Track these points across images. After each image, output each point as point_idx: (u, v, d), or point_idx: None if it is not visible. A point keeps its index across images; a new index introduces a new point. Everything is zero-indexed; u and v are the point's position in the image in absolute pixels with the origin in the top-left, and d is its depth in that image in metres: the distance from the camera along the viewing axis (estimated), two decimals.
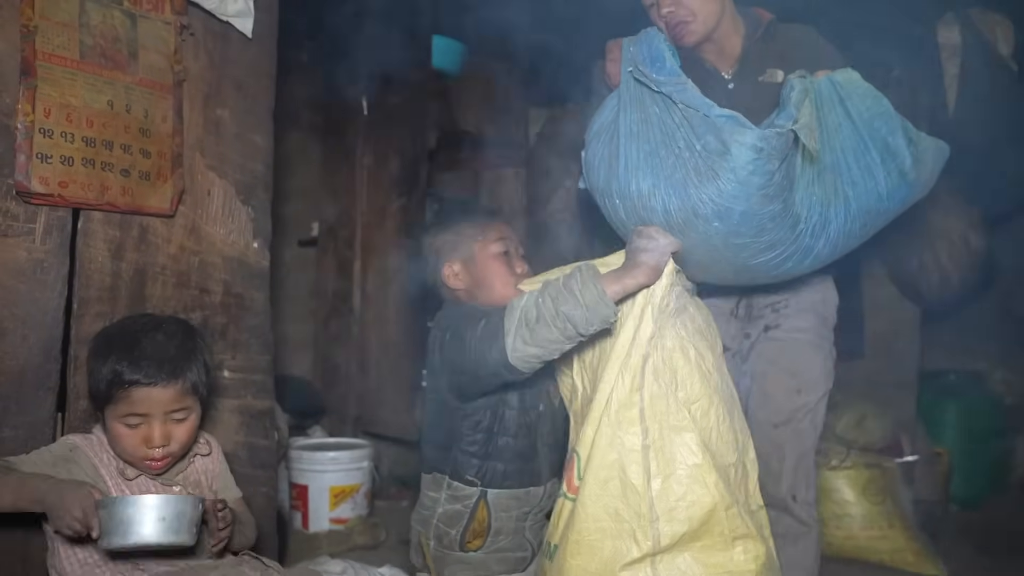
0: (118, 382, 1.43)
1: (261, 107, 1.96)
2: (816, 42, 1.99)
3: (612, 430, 1.50)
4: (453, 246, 1.77)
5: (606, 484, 1.49)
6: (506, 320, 1.49)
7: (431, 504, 1.74)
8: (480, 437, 1.70)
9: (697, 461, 1.46)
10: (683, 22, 1.90)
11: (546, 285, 1.50)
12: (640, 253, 1.46)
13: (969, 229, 3.03)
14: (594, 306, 1.42)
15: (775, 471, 1.99)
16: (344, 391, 3.36)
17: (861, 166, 1.65)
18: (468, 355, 1.56)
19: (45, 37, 1.58)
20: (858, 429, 2.80)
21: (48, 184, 1.57)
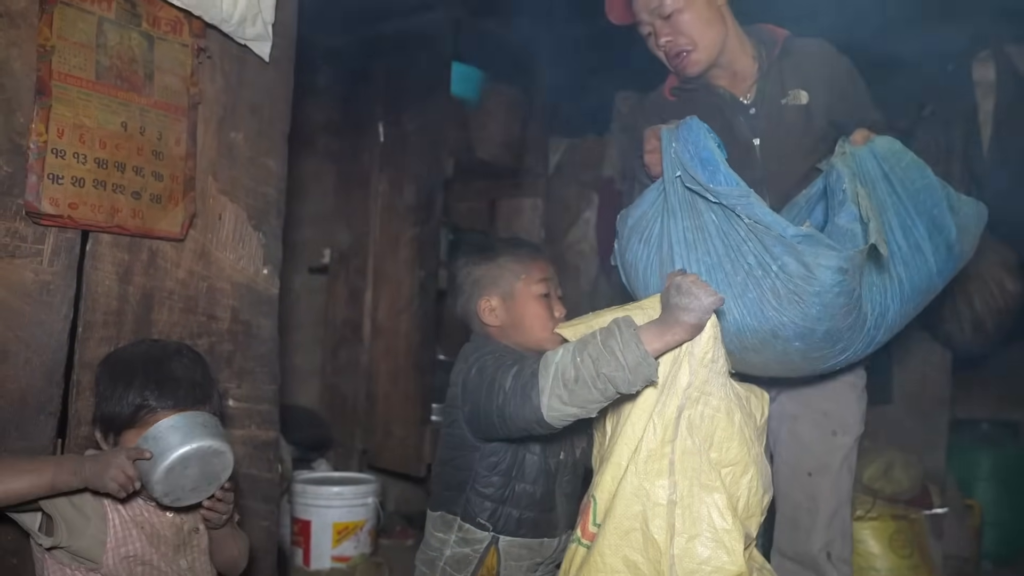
0: (146, 406, 1.42)
1: (276, 131, 1.94)
2: (832, 58, 1.93)
3: (639, 480, 1.42)
4: (493, 280, 1.69)
5: (627, 535, 1.42)
6: (540, 377, 1.42)
7: (438, 545, 1.66)
8: (497, 480, 1.63)
9: (726, 526, 1.38)
10: (683, 52, 1.84)
11: (583, 342, 1.42)
12: (681, 312, 1.35)
13: (1004, 273, 2.95)
14: (636, 367, 1.35)
15: (805, 525, 1.87)
16: (351, 424, 3.29)
17: (911, 244, 1.59)
18: (496, 402, 1.50)
19: (62, 57, 1.58)
20: (885, 478, 2.71)
21: (58, 205, 1.56)
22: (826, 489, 1.86)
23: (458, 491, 1.65)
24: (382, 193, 3.28)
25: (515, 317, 1.68)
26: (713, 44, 1.85)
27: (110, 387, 1.46)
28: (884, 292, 1.56)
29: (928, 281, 1.63)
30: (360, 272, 3.31)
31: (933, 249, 1.61)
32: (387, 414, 3.17)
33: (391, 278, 3.20)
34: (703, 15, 1.83)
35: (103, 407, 1.46)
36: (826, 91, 1.90)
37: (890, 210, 1.57)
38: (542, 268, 1.71)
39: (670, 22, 1.82)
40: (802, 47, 1.92)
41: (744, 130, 1.89)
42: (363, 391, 3.26)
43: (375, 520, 2.84)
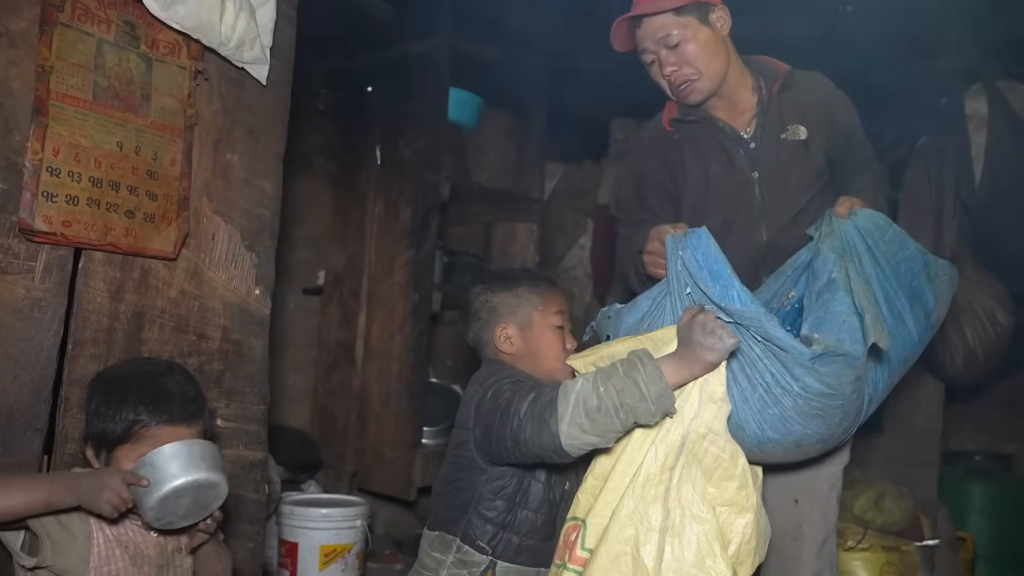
0: (140, 421, 1.42)
1: (271, 154, 1.95)
2: (832, 93, 1.96)
3: (635, 503, 1.42)
4: (511, 309, 1.71)
5: (617, 559, 1.40)
6: (560, 405, 1.43)
7: (434, 565, 1.65)
8: (500, 504, 1.63)
9: (713, 562, 1.37)
10: (688, 81, 1.86)
11: (606, 373, 1.43)
12: (704, 351, 1.38)
13: (996, 305, 2.96)
14: (659, 399, 1.38)
15: (791, 553, 1.84)
16: (341, 446, 3.28)
17: (895, 316, 1.61)
18: (511, 427, 1.50)
19: (60, 77, 1.59)
20: (876, 509, 2.69)
21: (51, 223, 1.57)
22: (813, 517, 1.84)
23: (460, 512, 1.64)
24: (378, 216, 3.29)
25: (531, 346, 1.70)
26: (717, 74, 1.87)
27: (103, 404, 1.45)
28: (875, 368, 1.59)
29: (912, 351, 1.67)
30: (354, 294, 3.32)
31: (915, 319, 1.64)
32: (378, 437, 3.15)
33: (385, 300, 3.20)
34: (708, 45, 1.85)
35: (96, 424, 1.45)
36: (825, 127, 1.92)
37: (875, 282, 1.59)
38: (559, 301, 1.74)
39: (676, 51, 1.84)
40: (802, 82, 1.94)
41: (743, 163, 1.91)
42: (355, 413, 3.25)
43: (363, 543, 2.81)
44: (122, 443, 1.42)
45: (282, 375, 3.35)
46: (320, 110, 3.56)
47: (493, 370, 1.68)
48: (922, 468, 3.13)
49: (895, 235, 1.64)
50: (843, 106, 1.95)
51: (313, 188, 3.54)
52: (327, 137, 3.59)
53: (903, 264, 1.63)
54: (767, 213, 1.89)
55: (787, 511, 1.85)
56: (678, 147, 1.99)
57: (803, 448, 1.54)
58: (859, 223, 1.63)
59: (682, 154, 1.98)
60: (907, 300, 1.63)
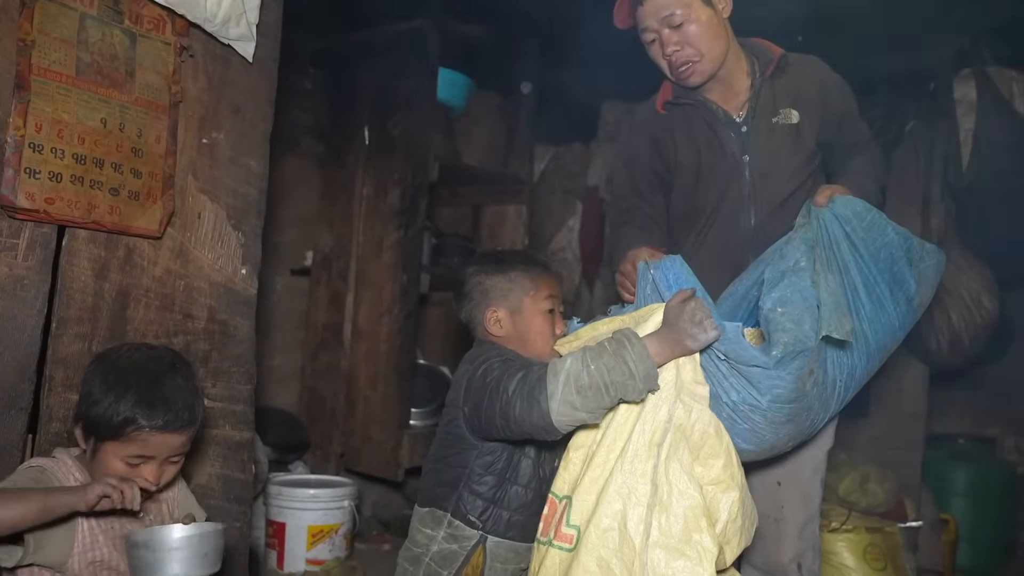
0: (135, 423, 1.40)
1: (258, 132, 1.93)
2: (826, 76, 1.95)
3: (623, 478, 1.43)
4: (503, 293, 1.71)
5: (605, 534, 1.42)
6: (549, 383, 1.45)
7: (425, 542, 1.66)
8: (491, 480, 1.64)
9: (699, 537, 1.39)
10: (689, 62, 1.85)
11: (595, 352, 1.46)
12: (688, 338, 1.45)
13: (982, 290, 2.98)
14: (645, 378, 1.43)
15: (772, 534, 1.86)
16: (329, 427, 3.28)
17: (873, 301, 1.63)
18: (499, 405, 1.52)
19: (42, 52, 1.57)
20: (860, 491, 2.72)
21: (34, 200, 1.55)
22: (795, 499, 1.85)
23: (451, 488, 1.65)
24: (366, 197, 3.27)
25: (520, 330, 1.71)
26: (718, 56, 1.87)
27: (100, 392, 1.42)
28: (851, 354, 1.61)
29: (892, 336, 1.69)
30: (342, 275, 3.30)
31: (895, 305, 1.66)
32: (366, 418, 3.15)
33: (373, 282, 3.19)
34: (711, 27, 1.84)
35: (91, 409, 1.42)
36: (818, 110, 1.91)
37: (853, 270, 1.62)
38: (550, 285, 1.74)
39: (679, 31, 1.83)
40: (796, 65, 1.93)
41: (734, 146, 1.91)
42: (342, 394, 3.25)
43: (351, 524, 2.82)
44: (112, 439, 1.40)
45: (270, 356, 3.34)
46: (308, 89, 3.53)
47: (484, 349, 1.69)
48: (906, 451, 3.16)
49: (874, 221, 1.65)
50: (837, 89, 1.95)
51: (301, 168, 3.51)
52: (315, 117, 3.56)
53: (883, 250, 1.65)
54: (757, 196, 1.89)
55: (770, 493, 1.87)
56: (670, 130, 1.99)
57: (777, 449, 1.60)
58: (837, 210, 1.65)
59: (674, 137, 1.97)
60: (887, 286, 1.64)
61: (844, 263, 1.61)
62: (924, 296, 1.74)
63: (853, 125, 1.97)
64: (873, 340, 1.63)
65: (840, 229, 1.63)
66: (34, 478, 1.41)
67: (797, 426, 1.56)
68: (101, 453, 1.41)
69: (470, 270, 1.76)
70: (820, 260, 1.59)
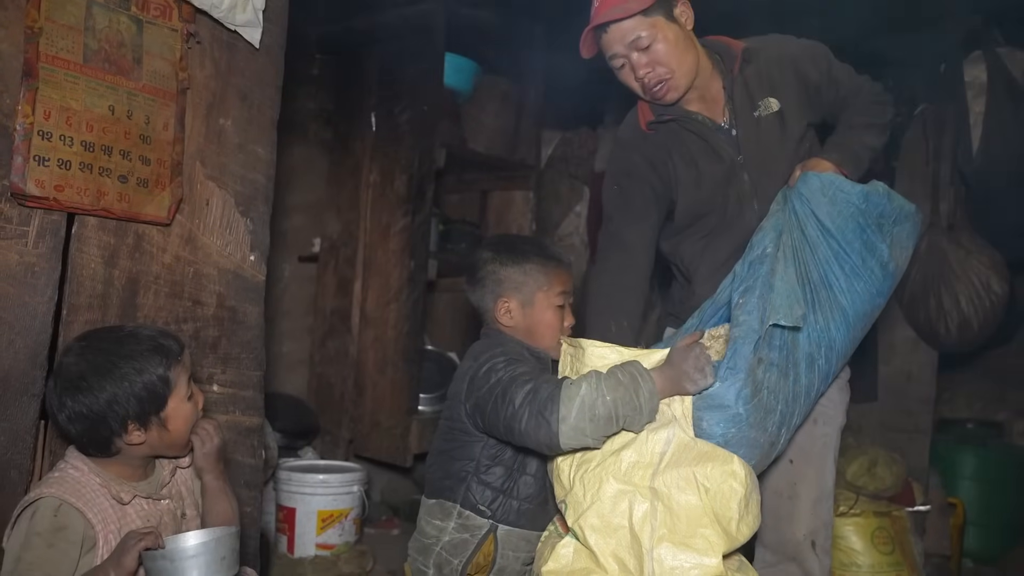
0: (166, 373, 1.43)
1: (265, 118, 1.93)
2: (794, 50, 1.90)
3: (620, 485, 1.46)
4: (516, 285, 1.71)
5: (615, 532, 1.45)
6: (562, 406, 1.47)
7: (435, 533, 1.66)
8: (499, 470, 1.66)
9: (704, 529, 1.40)
10: (662, 81, 1.83)
11: (609, 384, 1.48)
12: (687, 382, 1.52)
13: (991, 273, 2.96)
14: (650, 414, 1.50)
15: (786, 512, 1.86)
16: (338, 413, 3.29)
17: (847, 272, 1.66)
18: (504, 415, 1.53)
19: (49, 39, 1.57)
20: (868, 475, 2.71)
21: (44, 187, 1.55)
22: (808, 476, 1.86)
23: (458, 480, 1.66)
24: (373, 183, 3.27)
25: (529, 323, 1.72)
26: (690, 70, 1.85)
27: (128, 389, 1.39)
28: (827, 327, 1.63)
29: (870, 303, 1.70)
30: (350, 262, 3.31)
31: (869, 272, 1.68)
32: (374, 404, 3.17)
33: (381, 268, 3.19)
34: (679, 42, 1.82)
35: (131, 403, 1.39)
36: (796, 88, 1.88)
37: (823, 245, 1.65)
38: (564, 281, 1.74)
39: (647, 53, 1.80)
40: (761, 52, 1.90)
41: (728, 150, 1.90)
42: (351, 380, 3.26)
43: (360, 509, 2.84)
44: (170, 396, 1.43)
45: (278, 343, 3.35)
46: (314, 75, 3.52)
47: (488, 344, 1.69)
48: (914, 435, 3.16)
49: (836, 194, 1.66)
50: (806, 56, 1.89)
51: (308, 155, 3.51)
52: (322, 103, 3.56)
53: (849, 221, 1.66)
54: (758, 193, 1.88)
55: (783, 471, 1.88)
56: (663, 147, 1.96)
57: (777, 446, 1.63)
58: (801, 189, 1.67)
59: (671, 156, 1.95)
60: (859, 256, 1.66)
61: (813, 241, 1.65)
62: (900, 259, 1.75)
63: (833, 82, 1.89)
64: (851, 311, 1.66)
65: (805, 207, 1.66)
66: (53, 529, 1.34)
67: (780, 414, 1.57)
68: (171, 413, 1.43)
69: (485, 256, 1.75)
70: (785, 244, 1.62)
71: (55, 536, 1.34)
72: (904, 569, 2.60)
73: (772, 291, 1.57)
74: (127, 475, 1.46)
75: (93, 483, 1.41)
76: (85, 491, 1.39)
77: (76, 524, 1.36)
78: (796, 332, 1.60)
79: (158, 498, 1.48)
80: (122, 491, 1.42)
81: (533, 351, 1.71)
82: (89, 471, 1.42)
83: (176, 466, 1.56)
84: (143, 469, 1.49)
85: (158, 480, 1.51)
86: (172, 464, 1.55)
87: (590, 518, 1.45)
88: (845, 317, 1.65)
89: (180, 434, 1.47)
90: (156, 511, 1.48)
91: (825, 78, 1.88)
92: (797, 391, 1.59)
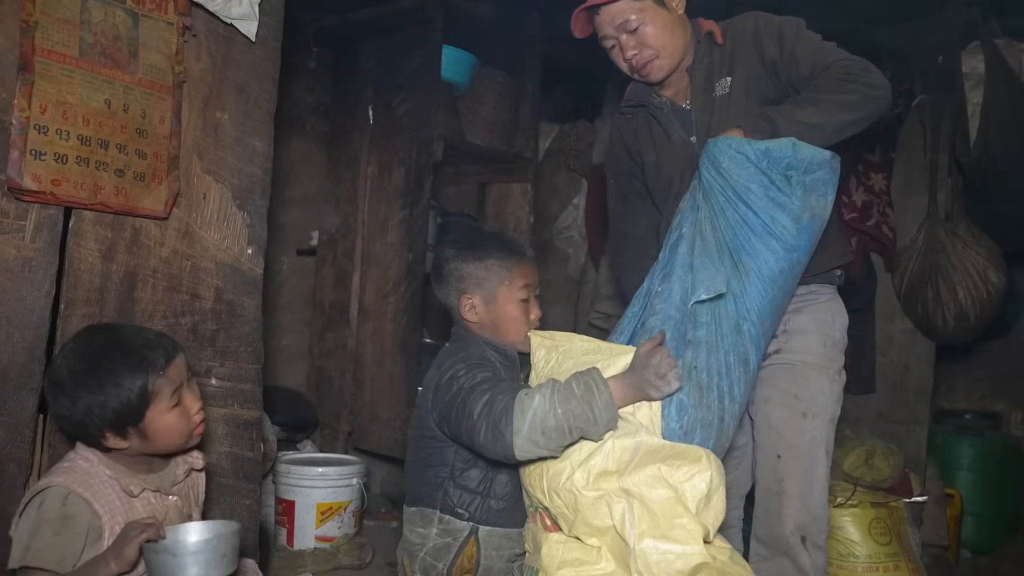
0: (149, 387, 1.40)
1: (262, 111, 1.93)
2: (754, 25, 1.88)
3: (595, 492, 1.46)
4: (478, 281, 1.72)
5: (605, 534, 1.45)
6: (516, 419, 1.47)
7: (420, 541, 1.68)
8: (475, 473, 1.67)
9: (682, 522, 1.41)
10: (648, 61, 1.88)
11: (561, 395, 1.48)
12: (650, 388, 1.50)
13: (989, 264, 2.96)
14: (607, 423, 1.48)
15: (775, 507, 1.86)
16: (337, 405, 3.29)
17: (757, 232, 1.63)
18: (464, 426, 1.55)
19: (45, 33, 1.57)
20: (866, 466, 2.72)
21: (40, 181, 1.55)
22: (795, 472, 1.84)
23: (435, 486, 1.68)
24: (371, 176, 3.27)
25: (494, 318, 1.72)
26: (677, 51, 1.89)
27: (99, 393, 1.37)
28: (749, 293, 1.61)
29: (786, 260, 1.65)
30: (348, 255, 3.31)
31: (781, 230, 1.63)
32: (373, 396, 3.17)
33: (379, 261, 3.19)
34: (667, 26, 1.87)
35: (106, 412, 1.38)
36: (752, 66, 1.87)
37: (729, 209, 1.63)
38: (526, 273, 1.74)
39: (635, 35, 1.86)
40: (730, 29, 1.91)
41: (681, 132, 1.93)
42: (350, 373, 3.26)
43: (359, 501, 2.85)
44: (147, 407, 1.40)
45: (277, 336, 3.36)
46: (311, 68, 3.51)
47: (451, 351, 1.71)
48: (912, 426, 3.16)
49: (735, 155, 1.64)
50: (768, 32, 1.87)
51: (305, 148, 3.51)
52: (319, 96, 3.55)
53: (752, 182, 1.63)
54: None
55: (771, 467, 1.88)
56: (635, 134, 2.03)
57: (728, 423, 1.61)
58: (706, 156, 1.67)
59: (638, 137, 2.02)
60: (767, 215, 1.63)
61: (722, 207, 1.64)
62: (817, 208, 1.69)
63: (791, 59, 1.83)
64: (766, 269, 1.63)
65: (710, 174, 1.65)
66: (61, 517, 1.35)
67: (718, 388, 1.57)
68: (149, 424, 1.40)
69: (447, 253, 1.77)
70: (703, 218, 1.63)
71: (63, 524, 1.35)
72: (901, 559, 2.61)
73: (692, 270, 1.57)
74: (137, 468, 1.46)
75: (102, 474, 1.41)
76: (93, 482, 1.40)
77: (83, 514, 1.37)
78: (722, 303, 1.59)
79: (168, 493, 1.49)
80: (132, 484, 1.43)
81: (500, 349, 1.72)
82: (99, 462, 1.42)
83: (191, 467, 1.56)
84: (149, 464, 1.49)
85: (171, 476, 1.51)
86: (187, 464, 1.55)
87: (580, 527, 1.47)
88: (761, 277, 1.63)
89: (164, 442, 1.44)
90: (164, 506, 1.48)
91: (783, 55, 1.84)
92: (730, 362, 1.58)
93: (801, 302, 1.87)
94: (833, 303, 1.93)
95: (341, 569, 2.65)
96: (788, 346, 1.88)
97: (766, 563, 1.89)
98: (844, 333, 1.94)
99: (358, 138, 3.31)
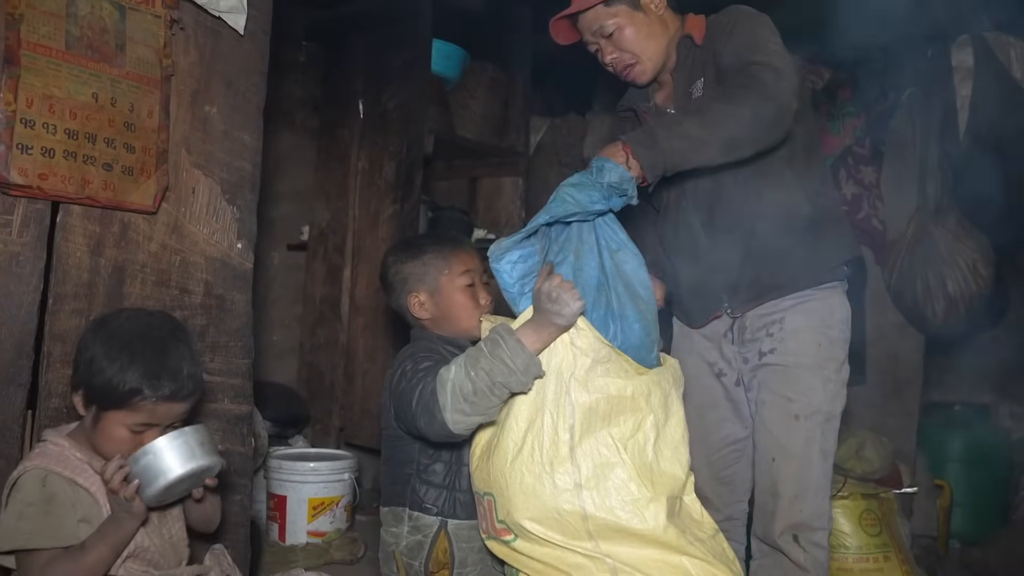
0: (143, 395, 1.39)
1: (251, 105, 1.92)
2: (721, 25, 1.83)
3: (540, 469, 1.45)
4: (419, 277, 1.75)
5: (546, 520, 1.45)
6: (439, 395, 1.49)
7: (393, 540, 1.71)
8: (440, 467, 1.69)
9: (636, 495, 1.42)
10: (628, 66, 1.90)
11: (473, 357, 1.49)
12: (553, 316, 1.47)
13: (979, 258, 2.98)
14: (526, 369, 1.46)
15: (770, 509, 1.86)
16: (328, 401, 3.29)
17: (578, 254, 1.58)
18: (409, 417, 1.57)
19: (31, 26, 1.56)
20: (856, 458, 2.73)
21: (27, 176, 1.54)
22: (787, 473, 1.84)
23: (404, 484, 1.70)
24: (362, 170, 3.26)
25: (443, 310, 1.75)
26: (657, 54, 1.90)
27: (105, 361, 1.40)
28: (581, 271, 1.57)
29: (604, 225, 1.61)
30: (339, 249, 3.30)
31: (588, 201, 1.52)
32: (365, 392, 3.17)
33: (370, 255, 3.18)
34: (644, 29, 1.87)
35: (95, 379, 1.40)
36: (715, 65, 1.82)
37: None
38: (464, 260, 1.76)
39: (612, 40, 1.88)
40: (710, 29, 1.86)
41: None
42: (341, 368, 3.26)
43: (351, 496, 2.85)
44: (117, 408, 1.40)
45: (268, 331, 3.35)
46: (301, 62, 3.50)
47: (404, 351, 1.72)
48: (902, 418, 3.19)
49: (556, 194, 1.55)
50: (724, 29, 1.80)
51: (295, 142, 3.49)
52: (309, 90, 3.54)
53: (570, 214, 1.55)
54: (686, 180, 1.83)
55: (766, 469, 1.88)
56: (620, 134, 2.01)
57: None
58: None
59: None
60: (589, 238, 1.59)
61: None
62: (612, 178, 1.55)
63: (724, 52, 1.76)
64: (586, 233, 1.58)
65: None
66: (44, 498, 1.36)
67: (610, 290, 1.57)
68: (104, 421, 1.41)
69: (387, 260, 1.81)
70: None
71: (49, 504, 1.37)
72: (891, 550, 2.63)
73: None
74: (106, 452, 1.44)
75: (74, 457, 1.42)
76: (70, 462, 1.41)
77: (65, 491, 1.38)
78: None
79: None
80: None
81: (451, 342, 1.72)
82: (69, 447, 1.43)
83: None
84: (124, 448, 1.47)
85: None
86: None
87: (528, 512, 1.46)
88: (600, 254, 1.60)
89: (102, 446, 1.43)
90: None
91: (725, 49, 1.77)
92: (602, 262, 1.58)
93: (798, 299, 1.86)
94: (832, 299, 1.89)
95: (333, 564, 2.65)
96: (783, 347, 1.87)
97: (765, 559, 1.91)
98: (845, 327, 1.89)
99: (348, 132, 3.30)
